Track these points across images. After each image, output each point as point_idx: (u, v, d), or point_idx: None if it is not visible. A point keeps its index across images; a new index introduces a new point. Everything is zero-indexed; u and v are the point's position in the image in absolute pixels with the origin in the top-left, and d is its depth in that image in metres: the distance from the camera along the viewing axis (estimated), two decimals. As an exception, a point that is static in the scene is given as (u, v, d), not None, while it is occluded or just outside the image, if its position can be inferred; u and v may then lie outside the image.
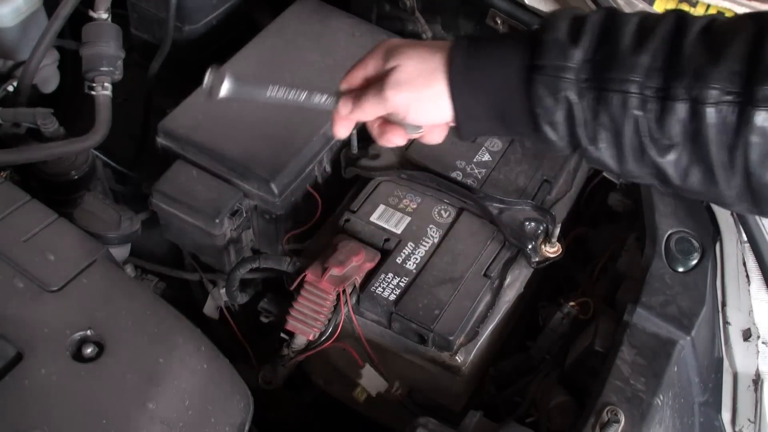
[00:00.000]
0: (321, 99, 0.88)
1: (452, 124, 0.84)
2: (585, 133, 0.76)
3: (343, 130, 0.89)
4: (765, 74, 0.68)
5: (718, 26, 0.73)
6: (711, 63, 0.70)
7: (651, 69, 0.72)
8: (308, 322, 1.10)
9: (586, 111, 0.75)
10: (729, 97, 0.70)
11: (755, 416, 1.03)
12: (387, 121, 0.88)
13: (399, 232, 1.18)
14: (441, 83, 0.80)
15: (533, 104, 0.76)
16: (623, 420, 0.91)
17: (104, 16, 1.19)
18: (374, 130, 0.90)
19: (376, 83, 0.83)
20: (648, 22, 0.75)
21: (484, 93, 0.79)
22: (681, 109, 0.71)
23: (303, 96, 0.87)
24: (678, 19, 0.75)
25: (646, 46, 0.73)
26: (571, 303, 1.14)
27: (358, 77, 0.87)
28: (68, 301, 0.87)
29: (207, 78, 0.89)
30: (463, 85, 0.79)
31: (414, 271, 1.13)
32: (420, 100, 0.81)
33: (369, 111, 0.85)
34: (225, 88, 0.88)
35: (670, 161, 0.74)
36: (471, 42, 0.80)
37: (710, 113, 0.70)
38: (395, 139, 0.88)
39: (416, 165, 1.25)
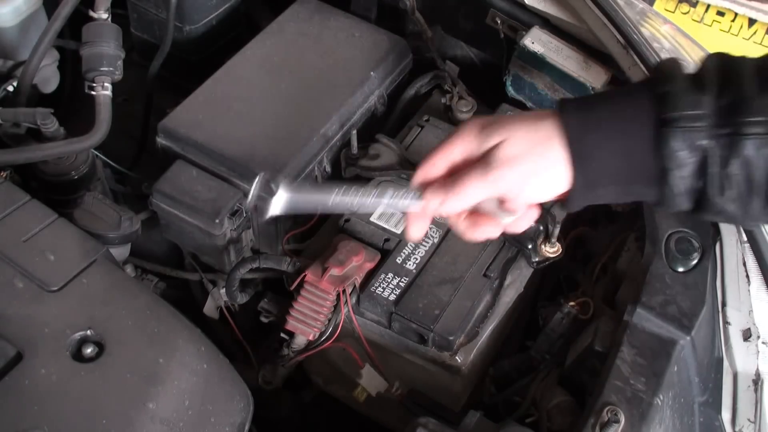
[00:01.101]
0: (399, 198, 0.77)
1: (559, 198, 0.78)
2: (716, 182, 0.72)
3: (419, 228, 0.81)
4: None
5: None
6: None
7: None
8: (308, 322, 1.11)
9: (718, 159, 0.71)
10: None
11: (755, 416, 1.03)
12: (475, 212, 0.80)
13: (399, 232, 1.18)
14: (559, 151, 0.73)
15: (665, 159, 0.71)
16: (623, 420, 0.91)
17: (104, 16, 1.19)
18: (461, 224, 0.81)
19: (475, 165, 0.75)
20: (765, 62, 0.73)
21: (608, 154, 0.73)
22: None
23: (374, 197, 0.77)
24: None
25: None
26: (571, 303, 1.14)
27: (440, 165, 0.78)
28: (68, 301, 0.87)
29: (254, 191, 0.78)
30: (584, 148, 0.73)
31: (414, 271, 1.13)
32: (537, 174, 0.74)
33: (471, 196, 0.75)
34: (279, 204, 0.78)
35: None
36: (580, 103, 0.75)
37: None
38: (490, 231, 0.80)
39: (416, 165, 1.25)
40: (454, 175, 0.77)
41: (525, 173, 0.74)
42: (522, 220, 0.80)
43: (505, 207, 0.77)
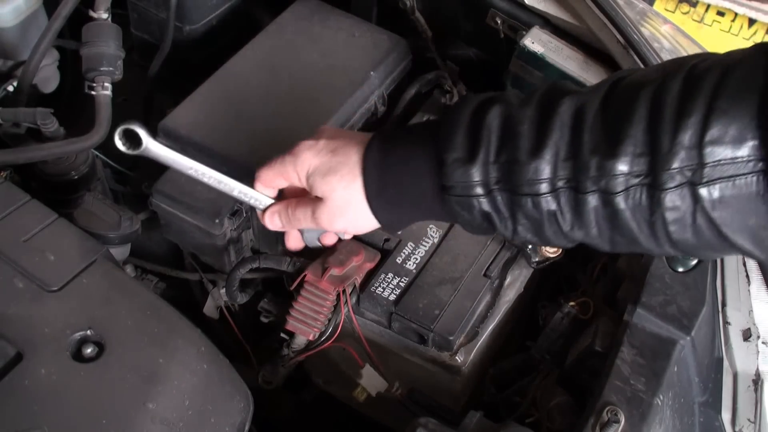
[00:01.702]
0: (247, 196, 0.98)
1: None
2: (506, 230, 0.81)
3: (273, 222, 1.00)
4: (665, 155, 0.68)
5: (616, 98, 0.74)
6: (610, 152, 0.71)
7: (556, 163, 0.74)
8: (308, 322, 1.10)
9: (502, 213, 0.79)
10: (636, 180, 0.70)
11: (755, 416, 1.03)
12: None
13: (399, 232, 1.18)
14: (367, 207, 0.88)
15: (453, 217, 0.83)
16: (623, 420, 0.91)
17: (104, 16, 1.19)
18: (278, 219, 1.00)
19: (306, 209, 0.94)
20: (545, 110, 0.76)
21: (405, 209, 0.87)
22: (593, 200, 0.73)
23: (233, 186, 0.96)
24: (576, 99, 0.75)
25: (546, 144, 0.74)
26: (571, 303, 1.14)
27: (278, 183, 0.98)
28: (68, 301, 0.87)
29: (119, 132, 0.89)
30: (383, 205, 0.87)
31: (414, 271, 1.13)
32: (355, 223, 0.90)
33: (299, 225, 0.97)
34: (148, 142, 0.89)
35: (594, 236, 0.76)
36: (380, 159, 0.86)
37: (620, 201, 0.71)
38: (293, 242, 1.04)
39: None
40: (291, 204, 0.96)
41: (345, 225, 0.92)
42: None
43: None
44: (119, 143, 0.89)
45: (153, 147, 0.90)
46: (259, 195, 0.98)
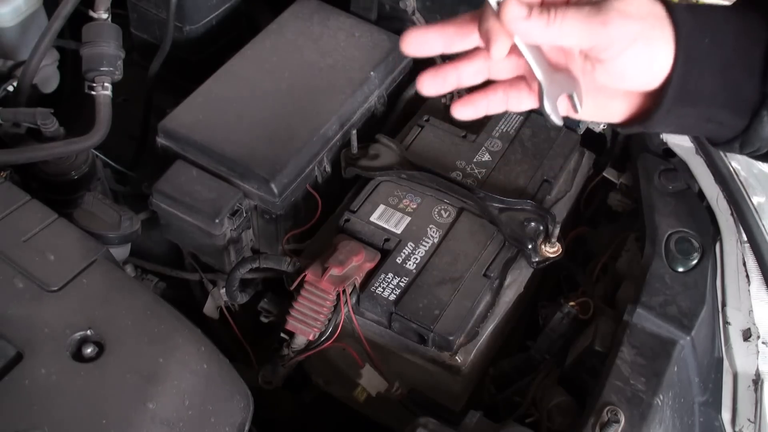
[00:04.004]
0: None
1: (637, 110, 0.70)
2: None
3: (502, 46, 0.66)
4: None
5: None
6: None
7: None
8: (308, 322, 1.10)
9: None
10: None
11: (755, 416, 1.03)
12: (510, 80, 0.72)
13: (399, 232, 1.18)
14: (670, 32, 0.65)
15: None
16: (623, 420, 0.91)
17: (104, 16, 1.19)
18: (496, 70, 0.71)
19: (584, 4, 0.65)
20: None
21: (712, 66, 0.66)
22: None
23: None
24: None
25: None
26: (571, 303, 1.14)
27: None
28: (68, 301, 0.87)
29: None
30: (691, 52, 0.65)
31: (414, 271, 1.13)
32: (648, 41, 0.64)
33: (564, 30, 0.64)
34: None
35: None
36: (693, 8, 0.68)
37: None
38: (496, 106, 0.72)
39: (416, 165, 1.25)
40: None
41: (636, 35, 0.64)
42: (602, 109, 0.72)
43: (612, 67, 0.67)
44: None
45: None
46: None
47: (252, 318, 1.25)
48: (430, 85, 0.72)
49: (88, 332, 0.84)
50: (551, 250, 1.17)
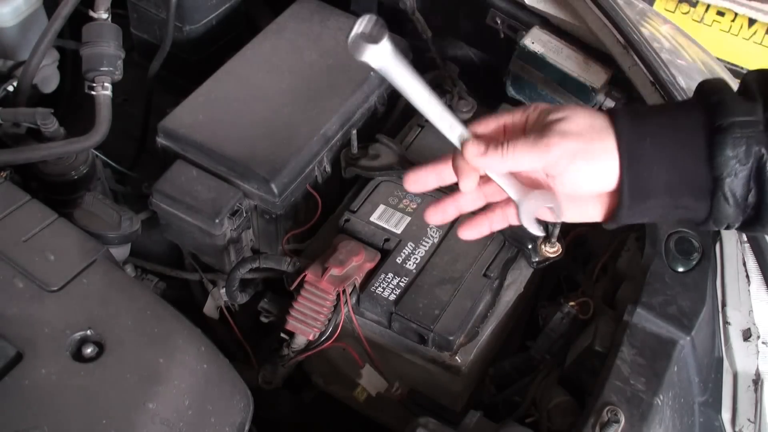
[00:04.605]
0: (449, 124, 0.75)
1: (601, 210, 0.78)
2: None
3: (469, 181, 0.77)
4: None
5: None
6: None
7: None
8: (308, 322, 1.11)
9: None
10: None
11: (755, 416, 1.03)
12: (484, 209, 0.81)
13: (399, 232, 1.18)
14: (612, 145, 0.73)
15: (719, 168, 0.70)
16: (623, 420, 0.91)
17: (104, 16, 1.19)
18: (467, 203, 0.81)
19: (528, 132, 0.75)
20: None
21: (659, 164, 0.72)
22: None
23: (438, 111, 0.75)
24: None
25: None
26: (571, 303, 1.14)
27: (494, 124, 0.77)
28: (68, 301, 0.87)
29: (361, 24, 0.75)
30: (635, 154, 0.72)
31: (414, 271, 1.13)
32: (588, 156, 0.72)
33: (515, 159, 0.73)
34: (376, 51, 0.75)
35: None
36: (631, 112, 0.75)
37: None
38: (483, 229, 0.82)
39: (416, 165, 1.25)
40: (507, 131, 0.77)
41: (576, 151, 0.72)
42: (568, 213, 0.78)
43: (563, 180, 0.75)
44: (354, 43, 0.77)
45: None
46: (461, 127, 0.76)
47: (252, 318, 1.26)
48: (434, 217, 0.83)
49: (88, 332, 0.84)
50: (551, 250, 1.17)
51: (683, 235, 1.08)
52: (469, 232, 0.83)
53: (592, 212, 0.79)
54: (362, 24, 0.76)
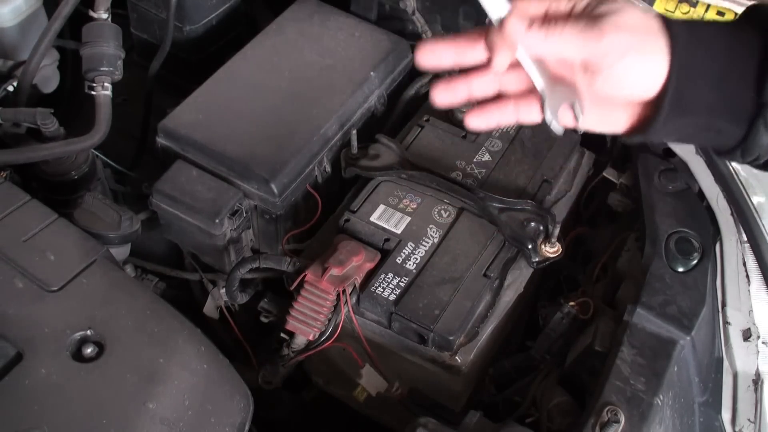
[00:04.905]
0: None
1: (634, 123, 0.73)
2: None
3: (503, 58, 0.71)
4: None
5: None
6: None
7: None
8: (308, 322, 1.10)
9: None
10: None
11: (755, 416, 1.03)
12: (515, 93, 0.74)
13: (399, 232, 1.18)
14: (665, 42, 0.68)
15: (765, 93, 0.67)
16: (623, 420, 0.91)
17: (104, 16, 1.19)
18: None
19: (579, 17, 0.68)
20: None
21: (706, 77, 0.68)
22: None
23: None
24: None
25: None
26: (571, 303, 1.14)
27: (539, 5, 0.70)
28: (68, 301, 0.87)
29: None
30: (686, 62, 0.68)
31: (414, 271, 1.13)
32: (638, 51, 0.67)
33: (561, 42, 0.68)
34: None
35: None
36: (686, 21, 0.71)
37: None
38: (504, 116, 0.75)
39: (416, 165, 1.25)
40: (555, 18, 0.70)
41: (629, 45, 0.67)
42: (601, 118, 0.73)
43: (609, 77, 0.69)
44: None
45: None
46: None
47: (252, 318, 1.25)
48: (442, 95, 0.75)
49: (88, 332, 0.84)
50: (551, 250, 1.17)
51: (683, 235, 1.08)
52: (476, 120, 0.76)
53: (618, 121, 0.74)
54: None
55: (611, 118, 0.74)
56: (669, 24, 0.69)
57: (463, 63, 0.74)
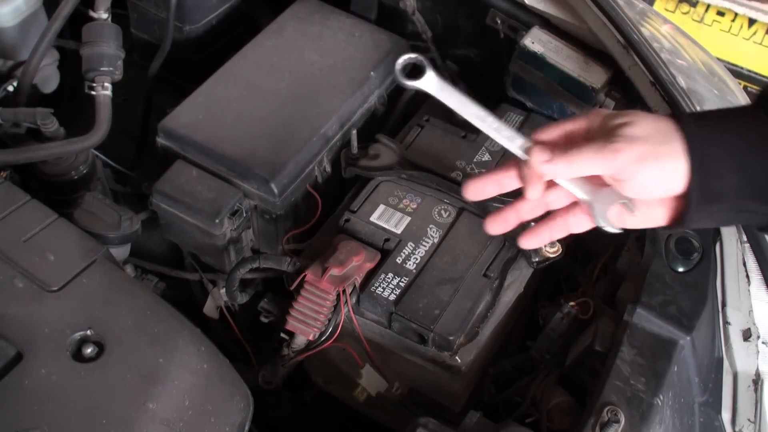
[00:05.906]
0: (511, 138, 0.77)
1: (670, 213, 0.77)
2: None
3: (536, 188, 0.77)
4: None
5: None
6: None
7: None
8: (308, 322, 1.10)
9: None
10: None
11: (755, 416, 1.03)
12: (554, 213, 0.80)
13: (399, 232, 1.18)
14: (679, 144, 0.72)
15: None
16: (623, 420, 0.91)
17: (104, 16, 1.20)
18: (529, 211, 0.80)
19: (594, 137, 0.74)
20: None
21: (727, 167, 0.72)
22: None
23: (494, 126, 0.77)
24: None
25: None
26: (571, 303, 1.14)
27: (556, 132, 0.77)
28: (68, 301, 0.87)
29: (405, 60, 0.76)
30: (704, 158, 0.71)
31: (414, 271, 1.13)
32: (656, 158, 0.71)
33: (581, 165, 0.73)
34: (428, 80, 0.77)
35: None
36: (695, 115, 0.76)
37: None
38: (549, 235, 0.81)
39: (416, 165, 1.25)
40: (574, 139, 0.75)
41: (644, 154, 0.71)
42: (642, 216, 0.77)
43: (631, 186, 0.74)
44: (399, 75, 0.77)
45: (434, 80, 0.78)
46: (520, 137, 0.77)
47: (252, 318, 1.25)
48: (496, 227, 0.82)
49: (88, 332, 0.84)
50: (551, 250, 1.17)
51: (683, 235, 1.08)
52: (529, 242, 0.82)
53: (657, 217, 0.78)
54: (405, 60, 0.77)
55: (651, 215, 0.78)
56: (681, 123, 0.73)
57: (505, 191, 0.80)
